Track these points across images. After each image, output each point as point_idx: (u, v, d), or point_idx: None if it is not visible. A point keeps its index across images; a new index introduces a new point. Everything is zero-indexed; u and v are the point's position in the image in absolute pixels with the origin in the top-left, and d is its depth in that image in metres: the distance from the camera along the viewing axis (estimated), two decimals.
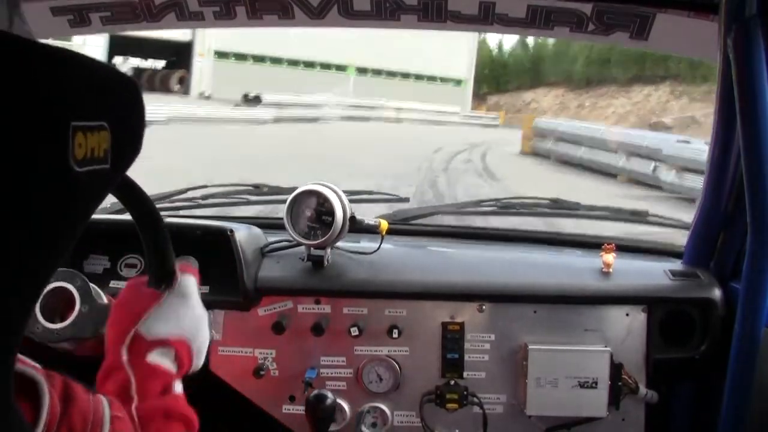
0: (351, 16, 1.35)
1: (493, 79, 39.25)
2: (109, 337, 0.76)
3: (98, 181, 0.44)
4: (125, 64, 23.11)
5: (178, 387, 0.76)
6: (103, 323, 0.90)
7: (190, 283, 0.81)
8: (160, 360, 0.74)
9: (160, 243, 0.78)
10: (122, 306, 0.78)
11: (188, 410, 0.75)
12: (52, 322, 0.94)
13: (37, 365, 0.53)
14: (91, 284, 0.99)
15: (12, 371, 0.43)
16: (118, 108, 0.46)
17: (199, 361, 0.82)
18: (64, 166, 0.39)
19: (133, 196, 0.77)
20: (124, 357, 0.73)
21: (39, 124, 0.38)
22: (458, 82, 32.45)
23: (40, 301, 0.91)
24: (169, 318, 0.77)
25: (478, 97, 35.75)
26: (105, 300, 0.99)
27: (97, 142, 0.42)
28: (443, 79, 31.58)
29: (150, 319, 0.75)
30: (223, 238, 1.26)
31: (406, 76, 30.01)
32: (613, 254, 1.33)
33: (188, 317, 0.79)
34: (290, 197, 1.28)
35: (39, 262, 0.41)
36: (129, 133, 0.47)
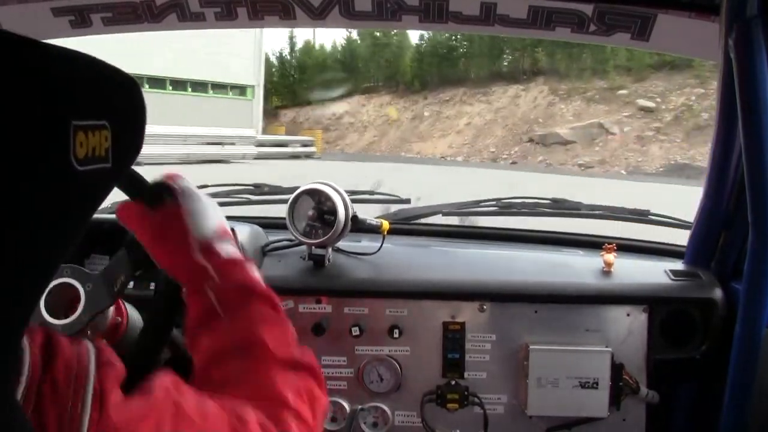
0: (352, 16, 1.36)
1: (286, 87, 29.59)
2: (168, 260, 0.78)
3: (99, 180, 0.44)
4: None
5: (255, 271, 0.79)
6: (112, 282, 0.91)
7: (186, 182, 0.82)
8: (230, 252, 0.78)
9: (131, 175, 0.77)
10: (157, 229, 0.78)
11: (266, 287, 0.78)
12: (56, 318, 0.94)
13: None
14: (79, 268, 0.99)
15: (13, 368, 0.43)
16: (118, 106, 0.46)
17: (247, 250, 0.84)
18: (66, 165, 0.39)
19: None
20: (200, 257, 0.75)
21: (40, 123, 0.38)
22: (243, 91, 21.55)
23: (44, 297, 0.91)
24: (200, 216, 0.79)
25: (269, 113, 25.39)
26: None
27: (98, 141, 0.42)
28: (223, 87, 21.04)
29: (195, 224, 0.78)
30: None
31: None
32: (614, 254, 1.33)
33: (210, 208, 0.82)
34: (292, 196, 1.28)
35: (41, 260, 0.42)
36: (130, 132, 0.48)
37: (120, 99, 0.47)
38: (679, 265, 1.39)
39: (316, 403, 0.70)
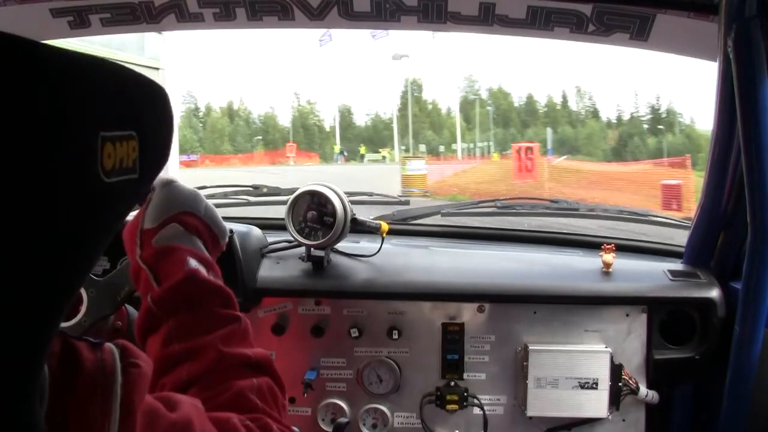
0: (351, 17, 1.35)
1: None
2: (129, 258, 0.78)
3: (126, 190, 0.43)
4: None
5: (192, 262, 0.75)
6: (117, 291, 0.91)
7: (166, 175, 0.81)
8: (169, 239, 0.76)
9: None
10: (128, 227, 0.80)
11: (211, 279, 0.74)
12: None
13: None
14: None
15: (35, 389, 0.41)
16: (146, 116, 0.45)
17: (219, 229, 0.83)
18: (94, 177, 0.38)
19: None
20: (138, 254, 0.75)
21: (68, 135, 0.37)
22: None
23: None
24: (160, 204, 0.78)
25: None
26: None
27: (125, 152, 0.41)
28: None
29: (146, 214, 0.78)
30: None
31: None
32: (613, 254, 1.33)
33: (178, 194, 0.80)
34: (291, 197, 1.28)
35: (68, 273, 0.40)
36: (157, 142, 0.46)
37: (147, 107, 0.46)
38: (678, 265, 1.39)
39: (278, 401, 0.68)
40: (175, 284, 0.72)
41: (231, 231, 1.26)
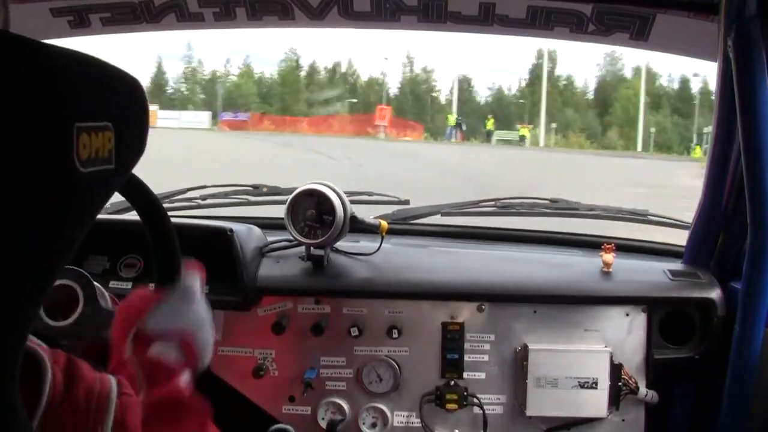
0: (351, 17, 1.35)
1: None
2: (114, 335, 0.77)
3: (103, 181, 0.44)
4: None
5: (185, 378, 0.75)
6: (103, 328, 0.90)
7: (194, 281, 0.81)
8: (163, 353, 0.75)
9: (167, 242, 0.79)
10: (127, 306, 0.79)
11: (197, 399, 0.74)
12: (54, 319, 0.93)
13: (42, 343, 0.52)
14: (97, 285, 0.99)
15: (15, 370, 0.43)
16: (122, 108, 0.46)
17: (204, 359, 0.82)
18: (69, 167, 0.39)
19: (140, 195, 0.78)
20: (128, 352, 0.74)
21: (43, 125, 0.38)
22: None
23: None
24: (170, 314, 0.78)
25: None
26: (110, 305, 0.99)
27: (101, 142, 0.42)
28: None
29: (152, 315, 0.76)
30: (223, 238, 1.26)
31: None
32: (613, 254, 1.33)
33: (191, 313, 0.80)
34: (291, 197, 1.28)
35: (44, 262, 0.41)
36: (133, 133, 0.47)
37: (123, 100, 0.47)
38: (678, 265, 1.39)
39: None
40: (165, 395, 0.71)
41: (231, 230, 1.27)
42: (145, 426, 0.69)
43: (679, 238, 1.48)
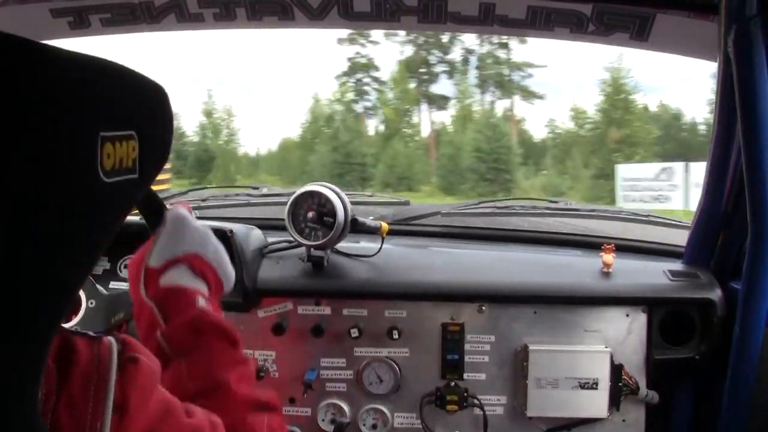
0: (351, 17, 1.35)
1: None
2: (130, 291, 0.78)
3: (126, 190, 0.43)
4: None
5: (201, 301, 0.74)
6: (113, 313, 0.90)
7: (180, 210, 0.81)
8: (176, 279, 0.75)
9: (147, 195, 0.79)
10: (132, 261, 0.80)
11: (221, 320, 0.73)
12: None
13: None
14: (92, 280, 0.99)
15: (40, 379, 0.41)
16: (146, 116, 0.45)
17: (226, 274, 0.82)
18: (93, 177, 0.38)
19: None
20: (143, 292, 0.74)
21: (68, 135, 0.37)
22: None
23: None
24: (168, 243, 0.77)
25: None
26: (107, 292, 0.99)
27: (125, 151, 0.41)
28: None
29: (153, 251, 0.77)
30: (223, 238, 1.26)
31: None
32: (613, 254, 1.33)
33: (188, 234, 0.79)
34: (291, 198, 1.28)
35: (69, 271, 0.41)
36: (157, 142, 0.46)
37: (147, 108, 0.46)
38: (678, 265, 1.39)
39: None
40: (186, 321, 0.71)
41: (231, 231, 1.27)
42: (180, 350, 0.68)
43: (679, 238, 1.48)
